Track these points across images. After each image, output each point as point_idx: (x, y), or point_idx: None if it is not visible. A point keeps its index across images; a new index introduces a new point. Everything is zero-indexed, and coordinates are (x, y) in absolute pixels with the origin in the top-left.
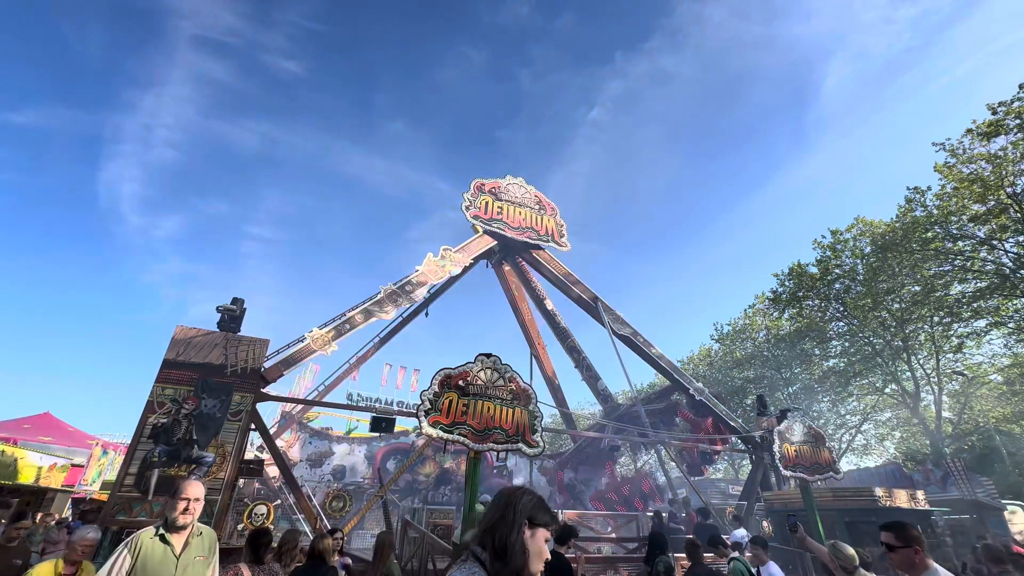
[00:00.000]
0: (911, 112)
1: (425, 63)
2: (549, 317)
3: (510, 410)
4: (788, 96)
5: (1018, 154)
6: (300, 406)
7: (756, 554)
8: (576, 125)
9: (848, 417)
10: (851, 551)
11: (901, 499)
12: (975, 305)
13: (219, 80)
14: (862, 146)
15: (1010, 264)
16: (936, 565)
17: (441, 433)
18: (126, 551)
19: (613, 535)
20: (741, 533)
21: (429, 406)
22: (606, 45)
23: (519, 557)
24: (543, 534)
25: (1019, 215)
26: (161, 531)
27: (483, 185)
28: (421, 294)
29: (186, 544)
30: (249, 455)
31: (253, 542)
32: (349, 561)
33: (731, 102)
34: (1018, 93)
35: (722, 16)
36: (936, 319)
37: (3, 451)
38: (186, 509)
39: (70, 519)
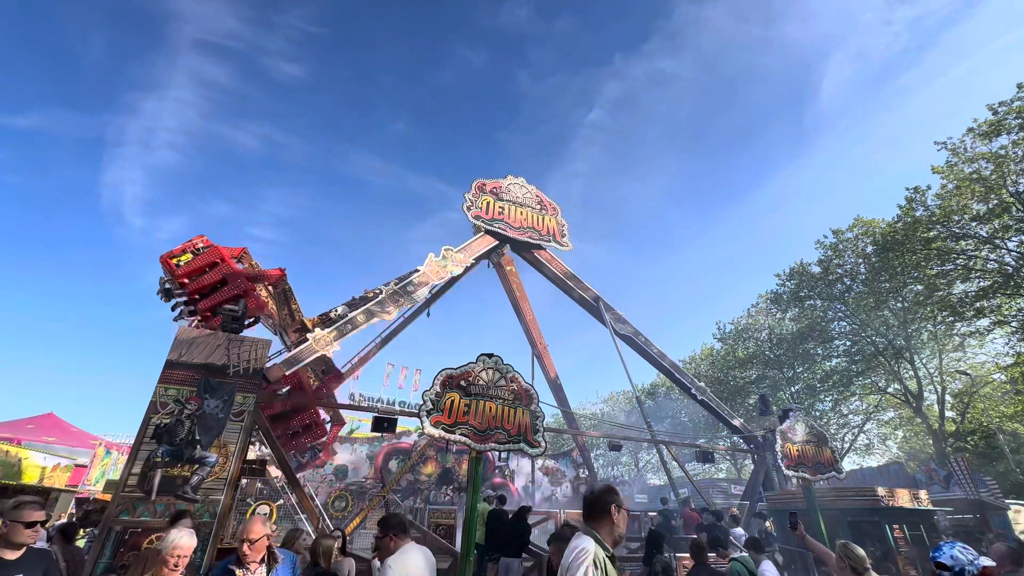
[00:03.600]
0: (910, 113)
1: (425, 65)
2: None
3: (512, 410)
4: (787, 97)
5: (1020, 153)
6: None
7: (750, 556)
8: (575, 126)
9: (851, 417)
10: (862, 552)
11: (904, 499)
12: (978, 304)
13: (220, 83)
14: (861, 147)
15: (1013, 263)
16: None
17: (443, 433)
18: (596, 571)
19: None
20: (739, 532)
21: (431, 406)
22: (605, 47)
23: None
24: None
25: (1022, 214)
26: (611, 551)
27: (484, 185)
28: (423, 294)
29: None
30: (252, 455)
31: (64, 533)
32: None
33: (730, 103)
34: (1018, 93)
35: (720, 18)
36: (939, 318)
37: (7, 451)
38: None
39: (74, 519)
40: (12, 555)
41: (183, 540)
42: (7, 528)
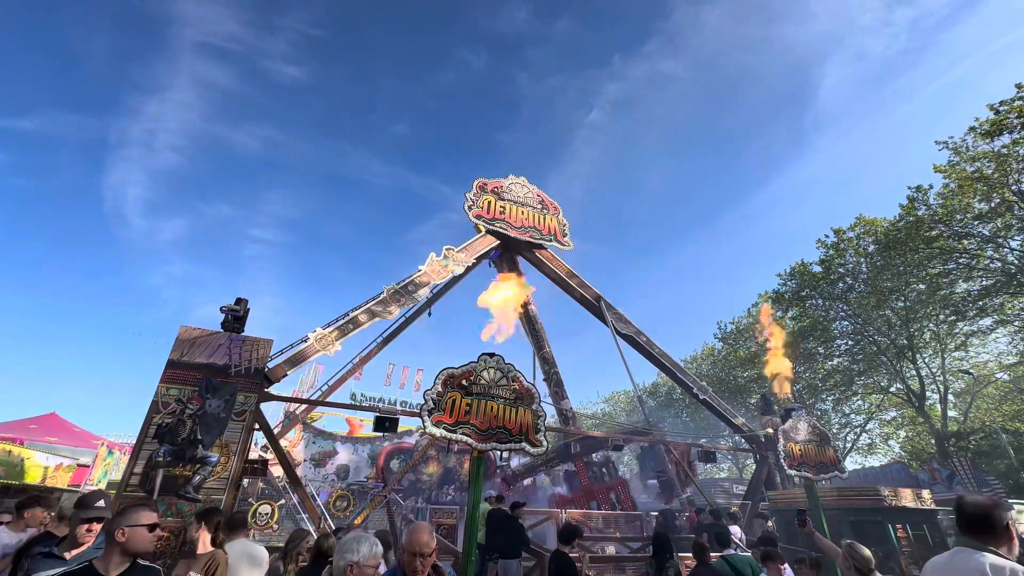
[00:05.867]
0: (909, 113)
1: (425, 67)
2: (530, 321)
3: (513, 410)
4: (786, 98)
5: (1022, 152)
6: (303, 406)
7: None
8: (575, 127)
9: (853, 416)
10: (868, 553)
11: (906, 498)
12: (980, 303)
13: (222, 85)
14: (861, 146)
15: (1016, 262)
16: None
17: (444, 433)
18: None
19: (617, 534)
20: (735, 531)
21: (432, 406)
22: (604, 48)
23: None
24: None
25: None
26: None
27: (485, 185)
28: (424, 294)
29: None
30: (253, 455)
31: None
32: None
33: (729, 104)
34: (1018, 93)
35: (719, 19)
36: (941, 317)
37: (10, 451)
38: None
39: None
40: (116, 569)
41: (376, 551)
42: (126, 535)
